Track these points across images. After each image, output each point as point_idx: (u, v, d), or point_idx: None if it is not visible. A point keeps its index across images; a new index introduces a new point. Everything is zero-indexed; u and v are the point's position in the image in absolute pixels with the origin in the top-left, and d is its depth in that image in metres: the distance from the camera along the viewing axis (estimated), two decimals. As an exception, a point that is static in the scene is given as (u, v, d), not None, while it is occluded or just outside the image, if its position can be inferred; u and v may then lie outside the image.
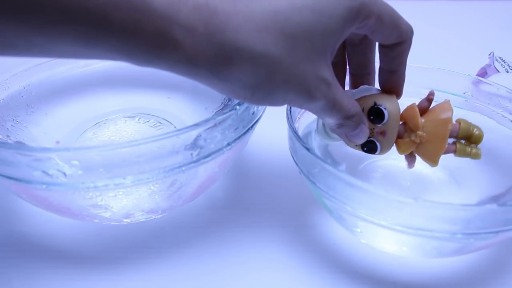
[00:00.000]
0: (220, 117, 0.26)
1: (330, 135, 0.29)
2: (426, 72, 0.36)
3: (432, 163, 0.28)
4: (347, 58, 0.28)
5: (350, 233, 0.31)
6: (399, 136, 0.28)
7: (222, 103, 0.39)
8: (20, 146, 0.33)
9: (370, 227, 0.26)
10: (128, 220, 0.30)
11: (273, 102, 0.22)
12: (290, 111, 0.30)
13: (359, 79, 0.28)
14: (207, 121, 0.26)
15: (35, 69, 0.40)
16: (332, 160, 0.35)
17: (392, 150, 0.28)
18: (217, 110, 0.38)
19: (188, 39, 0.19)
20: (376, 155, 0.28)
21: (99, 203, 0.27)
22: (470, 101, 0.36)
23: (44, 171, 0.23)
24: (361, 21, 0.22)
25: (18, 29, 0.16)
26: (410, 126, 0.27)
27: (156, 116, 0.42)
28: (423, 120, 0.27)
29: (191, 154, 0.26)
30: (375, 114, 0.26)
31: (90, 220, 0.30)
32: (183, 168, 0.26)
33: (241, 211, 0.34)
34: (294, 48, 0.21)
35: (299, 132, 0.32)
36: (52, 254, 0.31)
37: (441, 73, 0.36)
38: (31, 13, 0.16)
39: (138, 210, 0.29)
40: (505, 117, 0.34)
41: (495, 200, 0.32)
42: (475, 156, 0.28)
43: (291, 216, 0.34)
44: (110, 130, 0.40)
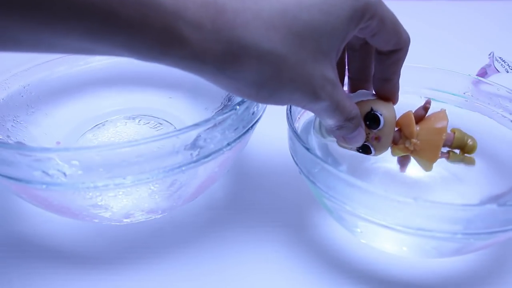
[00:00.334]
0: (220, 117, 0.26)
1: (326, 136, 0.29)
2: (426, 72, 0.36)
3: (426, 169, 0.28)
4: (347, 62, 0.28)
5: (350, 233, 0.31)
6: (394, 142, 0.28)
7: (222, 103, 0.39)
8: (20, 146, 0.33)
9: (370, 227, 0.26)
10: (128, 220, 0.30)
11: (278, 101, 0.22)
12: (290, 111, 0.30)
13: (357, 84, 0.29)
14: (207, 121, 0.26)
15: (35, 69, 0.40)
16: (333, 160, 0.35)
17: (389, 150, 0.29)
18: (217, 110, 0.38)
19: (195, 35, 0.19)
20: (371, 156, 0.28)
21: (99, 203, 0.27)
22: (470, 101, 0.36)
23: (44, 171, 0.23)
24: (365, 22, 0.22)
25: (24, 25, 0.16)
26: (405, 133, 0.28)
27: (157, 117, 0.42)
28: (418, 128, 0.27)
29: (191, 154, 0.26)
30: (371, 120, 0.27)
31: (90, 220, 0.30)
32: (183, 168, 0.26)
33: (241, 211, 0.34)
34: (301, 47, 0.21)
35: (299, 132, 0.32)
36: (52, 254, 0.31)
37: (441, 73, 0.36)
38: (38, 9, 0.16)
39: (138, 210, 0.29)
40: (505, 117, 0.34)
41: (495, 200, 0.32)
42: (469, 161, 0.28)
43: (291, 216, 0.34)
44: (110, 132, 0.40)
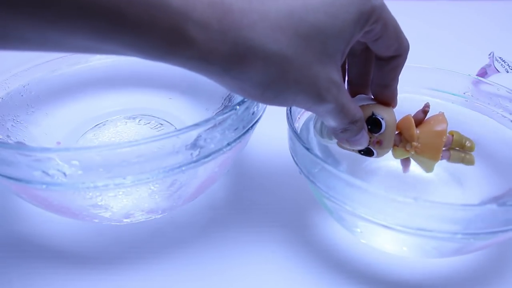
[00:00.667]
0: (220, 117, 0.26)
1: (326, 137, 0.29)
2: (426, 72, 0.36)
3: (427, 171, 0.28)
4: (347, 67, 0.28)
5: (350, 233, 0.31)
6: (395, 146, 0.28)
7: (222, 104, 0.39)
8: (20, 146, 0.33)
9: (370, 227, 0.26)
10: (128, 220, 0.30)
11: (282, 102, 0.22)
12: (290, 111, 0.30)
13: (355, 89, 0.29)
14: (207, 121, 0.26)
15: (35, 69, 0.40)
16: (333, 160, 0.35)
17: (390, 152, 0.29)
18: (218, 111, 0.38)
19: (202, 35, 0.18)
20: (373, 158, 0.28)
21: (99, 203, 0.27)
22: (470, 101, 0.36)
23: (44, 171, 0.23)
24: (370, 25, 0.22)
25: (32, 23, 0.16)
26: (405, 136, 0.28)
27: (157, 117, 0.41)
28: (418, 131, 0.28)
29: (191, 154, 0.26)
30: (373, 124, 0.27)
31: (90, 220, 0.30)
32: (183, 168, 0.26)
33: (241, 211, 0.34)
34: (307, 49, 0.21)
35: (299, 132, 0.32)
36: (52, 254, 0.31)
37: (441, 73, 0.36)
38: (46, 8, 0.16)
39: (138, 210, 0.29)
40: (505, 117, 0.34)
41: (496, 200, 0.32)
42: (469, 161, 0.28)
43: (291, 216, 0.34)
44: (111, 132, 0.40)
